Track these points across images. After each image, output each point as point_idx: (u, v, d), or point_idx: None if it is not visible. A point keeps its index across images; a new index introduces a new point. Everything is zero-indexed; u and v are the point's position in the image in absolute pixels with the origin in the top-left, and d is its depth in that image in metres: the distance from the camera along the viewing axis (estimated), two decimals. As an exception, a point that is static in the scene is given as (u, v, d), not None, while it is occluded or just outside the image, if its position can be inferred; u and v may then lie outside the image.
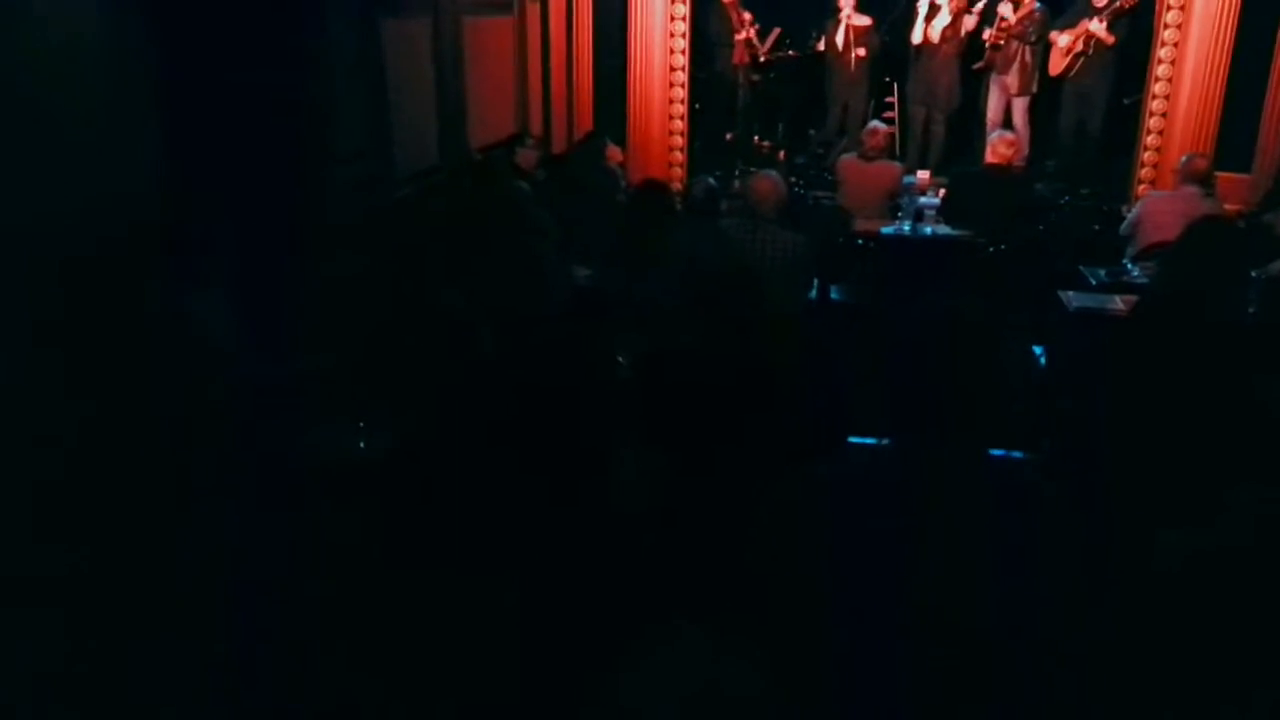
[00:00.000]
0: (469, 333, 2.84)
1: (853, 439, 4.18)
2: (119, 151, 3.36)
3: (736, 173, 8.56)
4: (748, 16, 8.70)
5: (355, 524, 2.37)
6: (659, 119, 8.09)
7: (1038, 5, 8.01)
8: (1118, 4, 7.58)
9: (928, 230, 6.35)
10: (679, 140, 8.20)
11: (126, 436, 2.97)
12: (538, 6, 7.27)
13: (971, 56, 8.43)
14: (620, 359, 3.64)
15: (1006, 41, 8.11)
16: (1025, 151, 8.11)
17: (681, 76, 8.04)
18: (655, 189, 4.69)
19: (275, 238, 3.86)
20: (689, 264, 3.91)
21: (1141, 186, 7.54)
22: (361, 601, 2.09)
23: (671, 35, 7.90)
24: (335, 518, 2.49)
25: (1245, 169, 7.27)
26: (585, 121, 7.97)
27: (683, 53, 7.96)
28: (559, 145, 7.64)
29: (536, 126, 7.23)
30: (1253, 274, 4.72)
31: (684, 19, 7.88)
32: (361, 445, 2.71)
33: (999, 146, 6.43)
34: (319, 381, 3.19)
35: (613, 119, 7.98)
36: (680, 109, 8.13)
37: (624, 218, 4.74)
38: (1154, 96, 7.44)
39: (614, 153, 6.91)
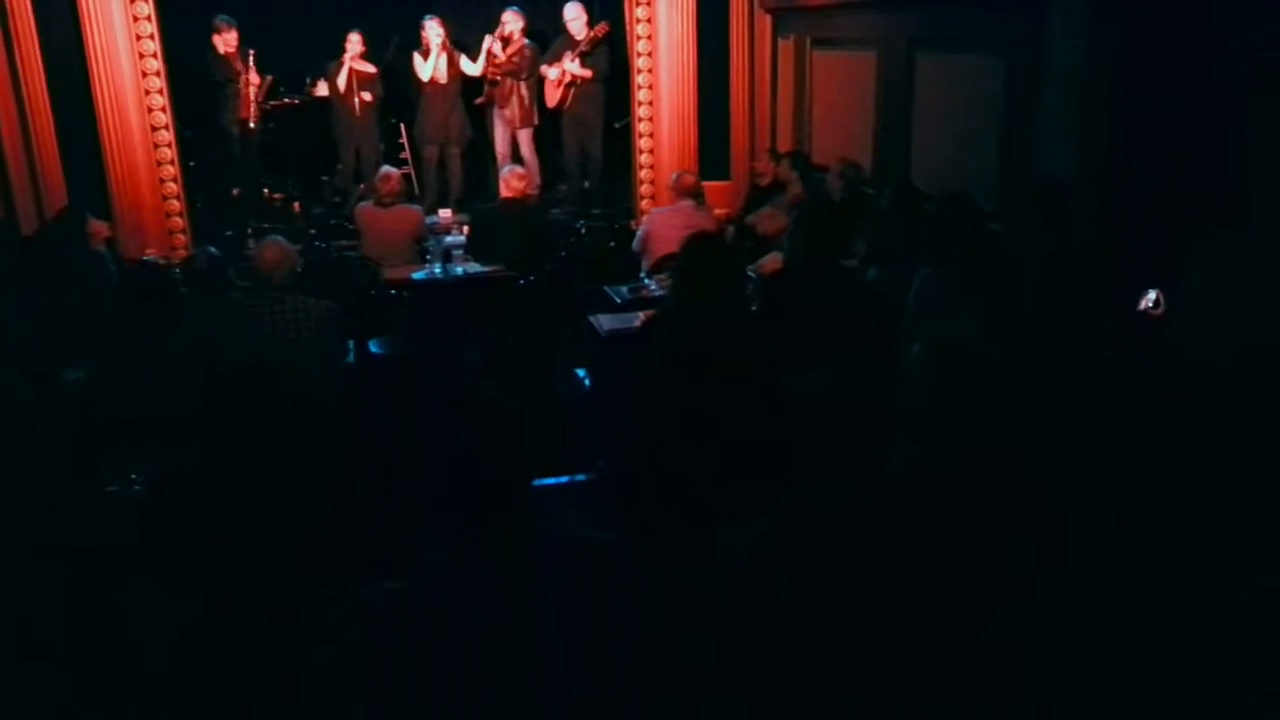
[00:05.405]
0: None
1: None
2: None
3: (250, 230, 8.00)
4: (255, 78, 8.20)
5: None
6: (148, 184, 7.28)
7: (527, 43, 8.32)
8: (590, 35, 8.10)
9: (459, 270, 6.32)
10: (175, 205, 7.45)
11: None
12: (-31, 69, 6.23)
13: (476, 91, 8.59)
14: (134, 477, 3.16)
15: (501, 79, 8.35)
16: (538, 181, 8.42)
17: (167, 135, 7.28)
18: (146, 268, 4.16)
19: None
20: (198, 353, 3.48)
21: (644, 202, 8.16)
22: None
23: (147, 93, 7.14)
24: None
25: (725, 177, 8.13)
26: (57, 196, 6.95)
27: (163, 110, 7.23)
28: (28, 226, 6.61)
29: (-6, 208, 6.20)
30: (748, 271, 5.23)
31: (158, 75, 7.15)
32: None
33: (511, 180, 6.59)
34: None
35: (92, 189, 7.04)
36: (172, 170, 7.38)
37: (117, 306, 4.15)
38: (640, 120, 8.08)
39: (98, 228, 6.04)
